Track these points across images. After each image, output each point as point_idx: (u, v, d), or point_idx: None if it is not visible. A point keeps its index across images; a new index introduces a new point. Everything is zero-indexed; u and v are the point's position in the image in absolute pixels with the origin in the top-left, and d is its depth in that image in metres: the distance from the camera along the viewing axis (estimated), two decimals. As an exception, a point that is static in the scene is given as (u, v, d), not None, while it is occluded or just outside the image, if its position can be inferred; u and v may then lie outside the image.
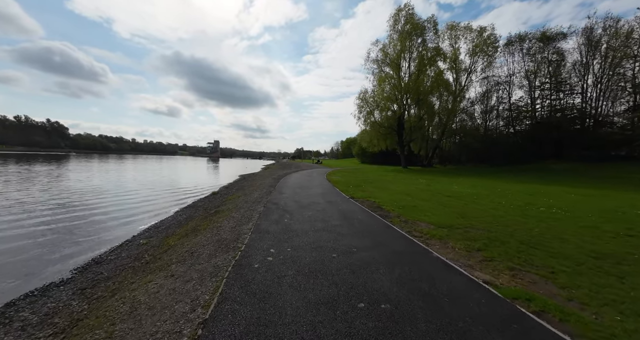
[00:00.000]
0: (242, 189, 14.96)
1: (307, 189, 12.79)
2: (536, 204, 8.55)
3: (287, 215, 6.88)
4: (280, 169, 37.79)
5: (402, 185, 14.46)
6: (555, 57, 31.72)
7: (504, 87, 37.15)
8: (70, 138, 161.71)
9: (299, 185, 14.14)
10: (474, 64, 36.16)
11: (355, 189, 12.71)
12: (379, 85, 35.64)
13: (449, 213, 7.24)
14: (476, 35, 34.89)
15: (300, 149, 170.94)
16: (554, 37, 31.35)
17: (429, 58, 32.01)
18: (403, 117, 34.98)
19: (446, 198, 9.84)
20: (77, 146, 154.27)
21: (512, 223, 6.18)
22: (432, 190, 12.02)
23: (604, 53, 29.26)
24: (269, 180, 18.15)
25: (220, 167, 53.13)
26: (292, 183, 15.52)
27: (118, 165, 39.69)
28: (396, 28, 32.64)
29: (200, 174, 32.79)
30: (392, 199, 9.68)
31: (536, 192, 11.23)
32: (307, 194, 11.06)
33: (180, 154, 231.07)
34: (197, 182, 22.50)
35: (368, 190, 12.10)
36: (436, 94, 36.62)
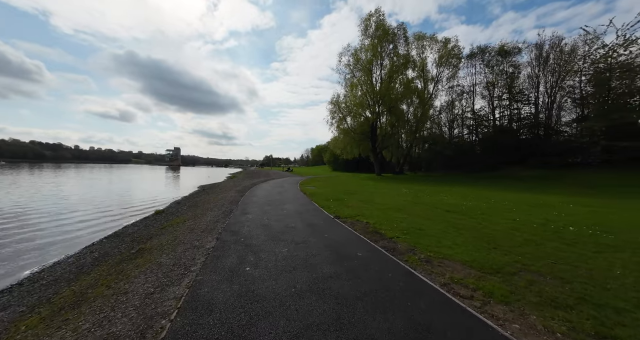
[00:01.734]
0: (196, 206, 11.95)
1: (280, 205, 10.38)
2: (555, 221, 7.28)
3: (251, 257, 4.47)
4: (248, 178, 34.47)
5: (387, 197, 12.77)
6: (511, 70, 33.97)
7: (468, 96, 38.95)
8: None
9: (269, 200, 11.65)
10: (440, 74, 37.42)
11: (337, 203, 10.64)
12: (351, 91, 34.80)
13: (473, 240, 5.47)
14: (441, 46, 36.19)
15: (269, 156, 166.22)
16: (510, 51, 33.63)
17: (400, 65, 32.03)
18: (376, 124, 34.42)
19: (449, 215, 8.22)
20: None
21: (566, 256, 4.55)
22: (425, 203, 10.44)
23: (552, 68, 32.01)
24: (232, 193, 15.28)
25: (180, 177, 47.61)
26: (260, 197, 12.94)
27: (48, 176, 32.67)
28: (367, 33, 32.24)
29: (153, 185, 28.08)
30: (386, 218, 7.75)
31: (537, 203, 10.27)
32: (279, 213, 8.66)
33: (135, 162, 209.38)
34: (145, 195, 18.54)
35: (353, 205, 10.10)
36: (407, 101, 36.95)
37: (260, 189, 17.04)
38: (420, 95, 33.64)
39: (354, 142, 34.50)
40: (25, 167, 58.29)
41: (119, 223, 9.90)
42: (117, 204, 14.41)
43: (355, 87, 34.52)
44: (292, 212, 8.87)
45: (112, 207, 13.39)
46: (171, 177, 44.38)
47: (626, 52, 23.80)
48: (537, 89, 32.97)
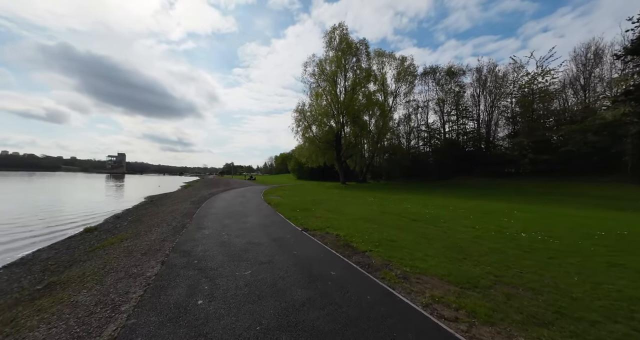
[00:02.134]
0: (140, 221, 10.29)
1: (241, 217, 9.46)
2: (507, 227, 7.82)
3: (205, 286, 3.70)
4: (206, 187, 31.88)
5: (355, 206, 12.68)
6: (457, 89, 38.10)
7: (422, 111, 42.38)
8: None
9: (230, 212, 10.60)
10: (398, 89, 40.08)
11: (304, 214, 10.12)
12: (316, 100, 35.16)
13: (443, 251, 5.45)
14: (399, 63, 38.96)
15: (230, 164, 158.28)
16: (456, 73, 37.78)
17: (362, 78, 33.49)
18: (340, 133, 35.13)
19: (416, 224, 8.32)
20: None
21: (528, 264, 4.75)
22: (392, 212, 10.54)
23: (489, 89, 36.75)
24: (186, 204, 13.68)
25: (125, 186, 42.04)
26: (219, 208, 11.76)
27: None
28: (332, 45, 33.21)
29: (89, 196, 24.02)
30: (356, 229, 7.50)
31: (488, 211, 11.10)
32: (241, 227, 7.81)
33: (66, 169, 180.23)
34: (75, 208, 15.55)
35: (321, 216, 9.69)
36: (369, 112, 38.64)
37: (220, 200, 15.66)
38: (381, 107, 35.43)
39: (319, 150, 34.60)
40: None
41: (32, 247, 7.91)
42: (35, 221, 11.72)
43: (320, 97, 35.01)
44: (255, 226, 8.09)
45: (28, 225, 10.82)
46: (113, 187, 38.88)
47: (543, 80, 28.46)
48: (479, 107, 37.45)
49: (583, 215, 10.34)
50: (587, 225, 8.19)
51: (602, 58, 25.94)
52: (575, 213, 10.85)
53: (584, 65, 26.97)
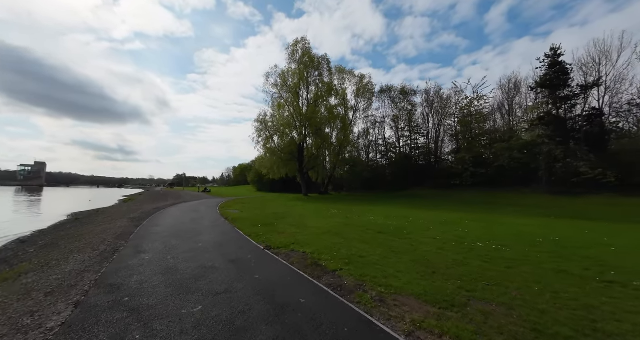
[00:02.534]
0: (55, 245, 8.22)
1: (193, 236, 8.26)
2: (464, 237, 8.25)
3: (136, 335, 2.83)
4: (150, 201, 28.26)
5: (319, 219, 12.28)
6: (410, 107, 41.63)
7: (380, 126, 45.06)
8: None
9: (178, 231, 9.23)
10: (358, 104, 42.13)
11: (267, 230, 9.33)
12: (278, 111, 34.71)
13: (413, 265, 5.34)
14: (358, 80, 41.20)
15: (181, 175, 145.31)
16: (408, 92, 41.41)
17: (325, 91, 34.35)
18: (303, 145, 35.03)
19: (382, 236, 8.25)
20: None
21: (492, 275, 4.88)
22: (357, 225, 10.40)
23: (436, 109, 41.01)
24: (123, 222, 11.62)
25: (43, 202, 34.83)
26: (165, 226, 10.21)
27: None
28: (294, 58, 33.57)
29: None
30: (324, 245, 7.07)
31: (444, 221, 11.74)
32: (192, 248, 6.74)
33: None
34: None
35: (285, 232, 9.04)
36: (331, 125, 39.56)
37: (167, 216, 13.77)
38: (343, 120, 36.55)
39: (281, 162, 33.81)
40: None
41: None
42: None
43: (282, 108, 34.69)
44: (210, 246, 7.07)
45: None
46: (25, 203, 31.85)
47: (478, 104, 32.86)
48: (428, 125, 41.32)
49: (521, 223, 11.63)
50: (527, 232, 9.13)
51: (519, 88, 31.31)
52: (514, 221, 12.17)
53: (507, 93, 32.15)
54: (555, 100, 24.30)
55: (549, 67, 24.82)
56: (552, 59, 24.56)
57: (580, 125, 24.10)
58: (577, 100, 24.01)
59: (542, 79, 24.88)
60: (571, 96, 23.90)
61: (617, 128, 23.16)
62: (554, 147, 22.80)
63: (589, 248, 7.00)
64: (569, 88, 24.02)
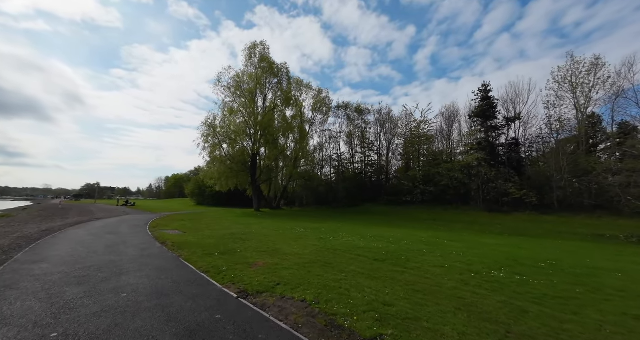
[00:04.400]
0: None
1: (109, 278, 5.20)
2: (471, 264, 7.43)
3: None
4: (40, 218, 20.89)
5: (289, 241, 10.13)
6: (364, 125, 43.29)
7: (335, 141, 45.39)
8: None
9: (81, 269, 5.89)
10: (315, 117, 41.71)
11: (229, 260, 6.81)
12: (229, 116, 31.32)
13: (471, 321, 3.95)
14: (316, 93, 41.08)
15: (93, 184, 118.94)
16: (363, 111, 43.14)
17: (283, 100, 32.79)
18: (257, 155, 32.12)
19: (385, 267, 6.75)
20: None
21: (553, 326, 3.82)
22: (341, 250, 8.70)
23: (387, 129, 43.67)
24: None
25: None
26: (57, 262, 6.57)
27: None
28: (251, 61, 31.35)
29: None
30: (323, 284, 5.15)
31: (428, 242, 11.04)
32: (106, 306, 3.89)
33: None
34: None
35: (256, 261, 6.71)
36: (287, 136, 37.79)
37: (64, 242, 9.53)
38: (301, 131, 35.23)
39: (231, 172, 30.08)
40: None
41: None
42: None
43: (235, 113, 31.53)
44: (142, 297, 4.35)
45: None
46: None
47: (425, 127, 36.12)
48: (380, 143, 43.46)
49: (492, 243, 11.82)
50: (514, 255, 8.94)
51: (457, 117, 35.91)
52: (484, 241, 12.38)
53: (447, 119, 36.44)
54: (487, 128, 28.28)
55: (481, 100, 29.01)
56: (484, 93, 28.87)
57: (504, 152, 28.41)
58: (503, 130, 28.48)
59: (477, 109, 28.82)
60: (499, 126, 28.22)
61: (530, 155, 28.14)
62: (488, 170, 26.06)
63: (600, 273, 6.90)
64: (496, 120, 28.36)
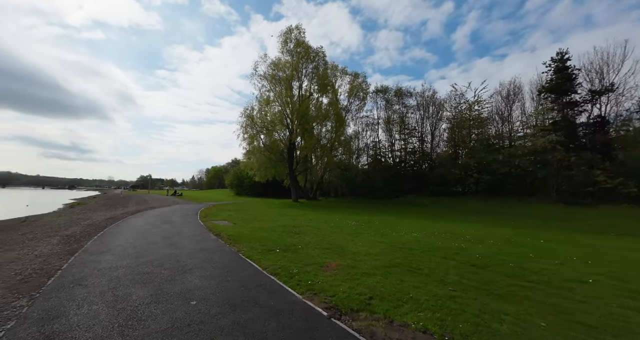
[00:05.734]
0: None
1: (172, 278, 4.47)
2: (628, 281, 5.49)
3: None
4: (106, 206, 22.76)
5: (345, 236, 8.96)
6: (404, 110, 40.03)
7: (373, 128, 42.96)
8: None
9: (143, 264, 5.32)
10: (351, 104, 39.65)
11: (294, 259, 5.82)
12: (266, 105, 30.86)
13: None
14: (352, 78, 38.76)
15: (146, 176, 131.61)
16: (404, 94, 39.77)
17: (321, 86, 31.29)
18: (294, 145, 31.45)
19: (499, 279, 5.21)
20: None
21: None
22: (418, 249, 7.28)
23: (431, 114, 39.90)
24: (51, 243, 7.28)
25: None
26: (120, 254, 6.18)
27: None
28: (287, 48, 30.17)
29: None
30: (431, 300, 3.83)
31: (506, 239, 9.08)
32: (174, 318, 3.01)
33: None
34: None
35: (326, 261, 5.61)
36: (322, 125, 36.51)
37: (126, 231, 9.52)
38: (339, 119, 33.57)
39: (270, 162, 29.89)
40: None
41: None
42: None
43: (272, 103, 30.97)
44: (212, 309, 3.44)
45: None
46: None
47: (478, 108, 31.98)
48: (423, 128, 39.99)
49: (598, 244, 9.39)
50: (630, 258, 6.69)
51: (518, 94, 30.95)
52: (585, 241, 9.94)
53: (506, 98, 31.64)
54: (562, 105, 23.69)
55: (555, 71, 24.27)
56: (559, 63, 24.04)
57: (585, 132, 23.68)
58: (585, 107, 23.58)
59: (549, 83, 24.23)
60: (579, 102, 23.43)
61: (621, 136, 23.00)
62: (565, 155, 21.90)
63: None
64: (576, 94, 23.54)
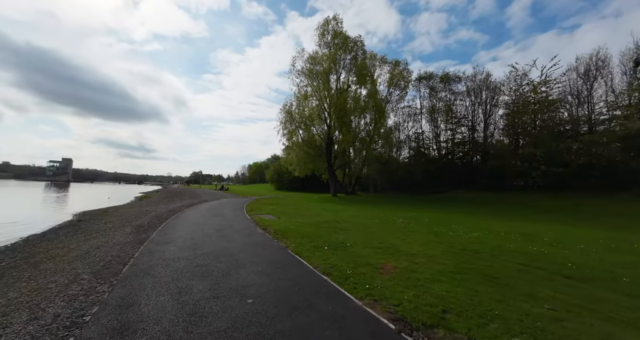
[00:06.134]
0: None
1: (227, 271, 4.45)
2: None
3: None
4: (167, 199, 25.42)
5: (395, 234, 8.30)
6: (452, 97, 36.52)
7: (415, 119, 40.27)
8: None
9: (201, 257, 5.50)
10: (391, 94, 37.56)
11: (345, 257, 5.46)
12: (304, 100, 30.98)
13: None
14: (391, 67, 36.58)
15: (198, 172, 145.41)
16: (452, 79, 36.23)
17: (359, 77, 30.22)
18: (332, 140, 31.11)
19: (613, 297, 4.16)
20: None
21: None
22: (485, 252, 6.35)
23: (485, 99, 35.68)
24: (125, 232, 8.15)
25: (60, 197, 33.22)
26: (180, 245, 6.55)
27: None
28: (324, 40, 29.67)
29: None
30: (525, 320, 3.09)
31: (603, 246, 7.42)
32: (234, 318, 2.87)
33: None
34: None
35: (377, 262, 5.12)
36: (360, 118, 35.40)
37: (184, 222, 10.28)
38: (379, 110, 32.15)
39: (308, 157, 30.13)
40: None
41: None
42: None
43: (310, 97, 30.98)
44: (270, 310, 3.24)
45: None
46: (43, 199, 30.27)
47: (546, 89, 27.43)
48: (474, 116, 36.07)
49: None
50: None
51: (601, 69, 25.55)
52: None
53: (584, 75, 26.45)
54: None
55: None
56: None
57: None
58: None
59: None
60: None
61: None
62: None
63: None
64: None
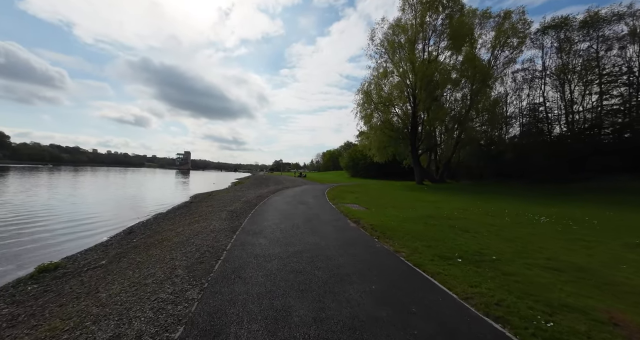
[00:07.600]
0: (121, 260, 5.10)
1: (329, 281, 3.30)
2: None
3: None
4: (255, 185, 27.86)
5: (558, 242, 5.49)
6: (603, 47, 25.74)
7: (534, 84, 30.93)
8: (11, 147, 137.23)
9: (292, 251, 4.58)
10: (497, 57, 29.50)
11: (511, 289, 3.47)
12: (383, 77, 27.76)
13: None
14: (498, 22, 28.48)
15: (279, 161, 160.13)
16: (599, 21, 25.35)
17: (454, 39, 24.74)
18: (417, 120, 27.04)
19: None
20: (18, 157, 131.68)
21: None
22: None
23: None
24: (221, 217, 8.40)
25: (184, 182, 42.27)
26: (271, 235, 5.91)
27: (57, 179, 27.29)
28: (410, 3, 25.25)
29: (142, 192, 22.11)
30: None
31: None
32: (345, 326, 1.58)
33: (148, 166, 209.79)
34: (118, 206, 12.19)
35: (615, 316, 2.92)
36: (454, 90, 29.51)
37: (272, 210, 10.12)
38: (479, 78, 25.92)
39: (389, 141, 27.25)
40: (42, 170, 56.91)
41: None
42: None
43: (391, 74, 27.54)
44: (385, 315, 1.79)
45: None
46: (173, 183, 39.46)
47: None
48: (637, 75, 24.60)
49: None
50: None
51: None
52: None
53: None
54: None
55: None
56: None
57: None
58: None
59: None
60: None
61: None
62: None
63: None
64: None
